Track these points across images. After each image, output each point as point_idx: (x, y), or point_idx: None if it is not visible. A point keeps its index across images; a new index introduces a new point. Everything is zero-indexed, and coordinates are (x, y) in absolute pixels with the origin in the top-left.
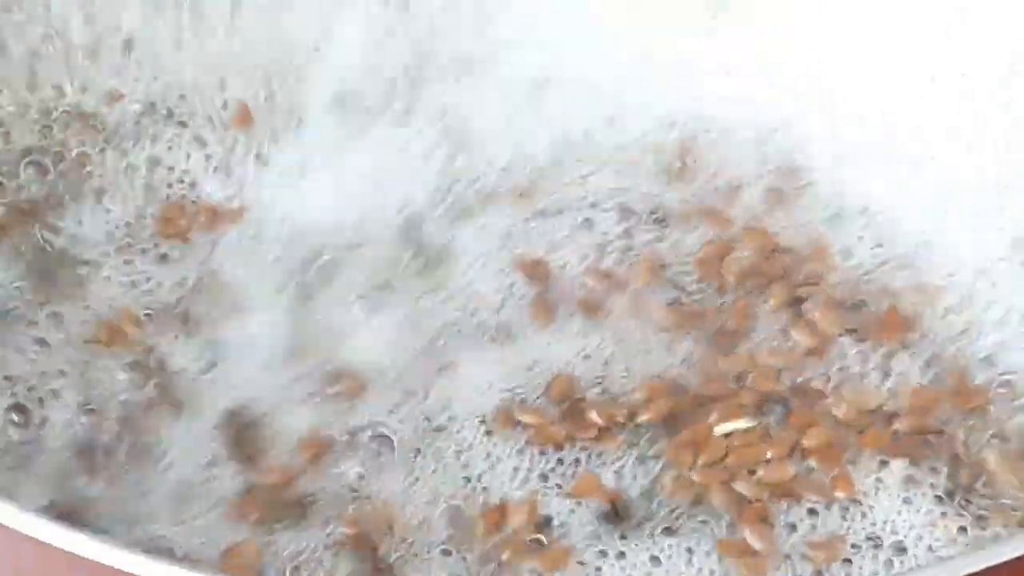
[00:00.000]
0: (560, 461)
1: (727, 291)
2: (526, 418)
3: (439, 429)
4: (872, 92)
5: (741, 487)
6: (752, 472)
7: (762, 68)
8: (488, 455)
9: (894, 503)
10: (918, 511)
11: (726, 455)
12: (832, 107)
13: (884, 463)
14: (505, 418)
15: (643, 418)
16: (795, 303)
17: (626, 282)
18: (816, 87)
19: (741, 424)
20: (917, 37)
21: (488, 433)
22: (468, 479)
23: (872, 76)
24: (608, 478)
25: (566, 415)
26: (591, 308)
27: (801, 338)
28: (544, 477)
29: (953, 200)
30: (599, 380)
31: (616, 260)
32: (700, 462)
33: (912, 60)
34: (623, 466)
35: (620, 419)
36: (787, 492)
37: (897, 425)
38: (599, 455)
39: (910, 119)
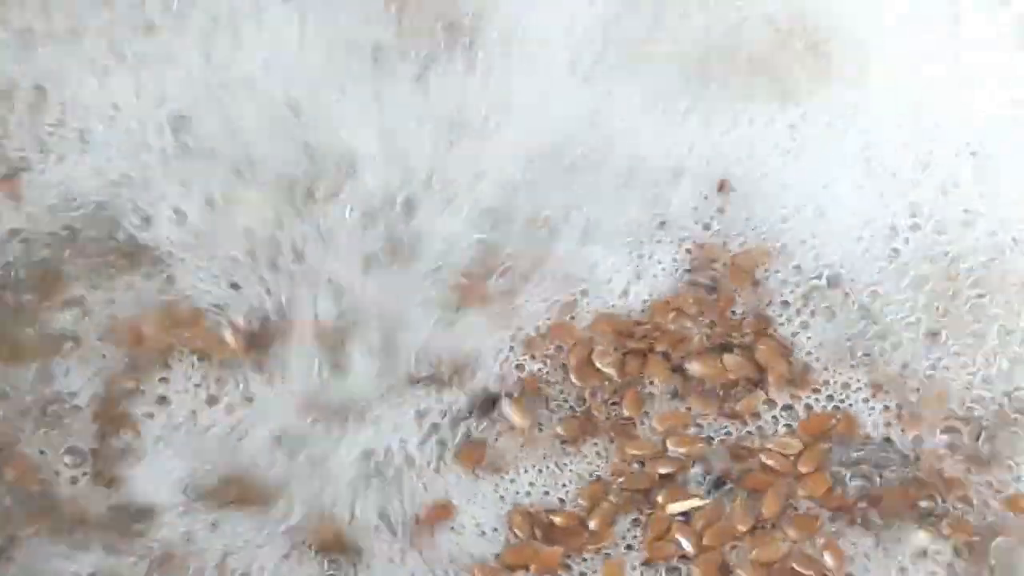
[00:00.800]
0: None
1: (611, 385)
2: (514, 559)
3: None
4: None
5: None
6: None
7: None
8: None
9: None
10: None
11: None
12: None
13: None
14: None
15: (593, 524)
16: (678, 372)
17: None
18: None
19: (694, 503)
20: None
21: None
22: None
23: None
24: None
25: (545, 537)
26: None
27: (697, 405)
28: None
29: None
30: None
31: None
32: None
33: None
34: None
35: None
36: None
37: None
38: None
39: None
